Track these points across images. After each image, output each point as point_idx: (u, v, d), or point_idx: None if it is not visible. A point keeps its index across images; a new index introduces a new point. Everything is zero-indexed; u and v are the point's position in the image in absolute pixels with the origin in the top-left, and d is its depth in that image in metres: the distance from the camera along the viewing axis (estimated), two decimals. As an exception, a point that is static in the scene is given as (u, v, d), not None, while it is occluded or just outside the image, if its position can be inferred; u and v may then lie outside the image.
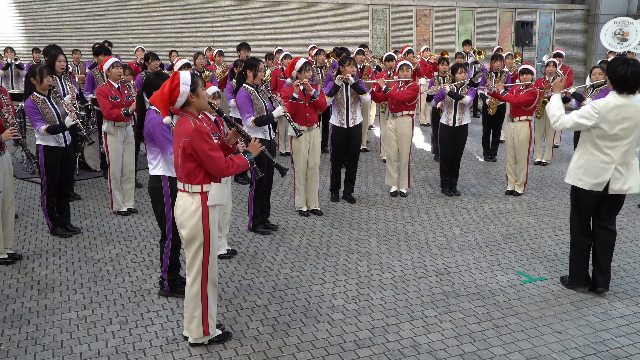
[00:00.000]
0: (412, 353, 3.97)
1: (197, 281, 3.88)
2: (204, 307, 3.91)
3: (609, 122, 4.47)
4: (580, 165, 4.66)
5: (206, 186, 3.78)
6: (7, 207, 5.50)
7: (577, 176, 4.68)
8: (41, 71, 5.78)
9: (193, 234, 3.81)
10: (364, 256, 5.71)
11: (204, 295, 3.90)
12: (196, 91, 3.74)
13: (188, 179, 3.76)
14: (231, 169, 3.74)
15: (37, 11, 13.00)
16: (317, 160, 6.80)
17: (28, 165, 8.86)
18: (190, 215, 3.79)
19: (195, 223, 3.79)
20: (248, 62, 6.11)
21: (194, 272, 3.88)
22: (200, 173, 3.75)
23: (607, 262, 4.81)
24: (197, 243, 3.83)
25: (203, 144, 3.63)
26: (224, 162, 3.70)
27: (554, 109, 4.75)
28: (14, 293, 4.87)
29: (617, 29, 14.54)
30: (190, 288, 3.90)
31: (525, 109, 7.61)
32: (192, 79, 3.72)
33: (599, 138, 4.54)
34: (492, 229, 6.52)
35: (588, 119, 4.51)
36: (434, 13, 15.88)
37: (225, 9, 14.28)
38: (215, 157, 3.66)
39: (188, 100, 3.73)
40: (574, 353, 3.99)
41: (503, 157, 9.70)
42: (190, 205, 3.79)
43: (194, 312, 3.92)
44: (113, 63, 6.70)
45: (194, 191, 3.78)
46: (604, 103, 4.49)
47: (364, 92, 7.09)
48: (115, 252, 5.78)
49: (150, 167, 4.68)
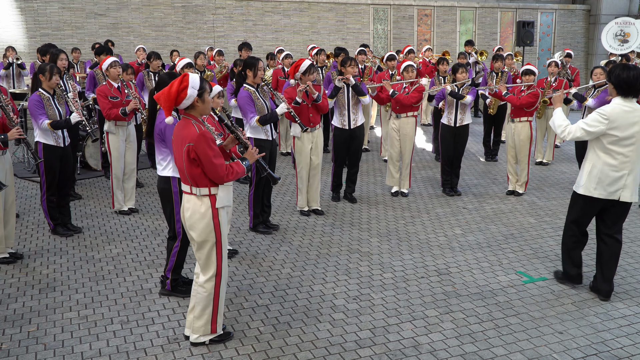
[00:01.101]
0: (413, 353, 3.97)
1: (212, 281, 3.90)
2: (215, 306, 3.95)
3: (620, 127, 4.46)
4: (595, 175, 4.62)
5: (214, 189, 3.79)
6: (9, 206, 5.50)
7: (591, 186, 4.64)
8: (52, 69, 5.85)
9: (205, 235, 3.82)
10: (365, 256, 5.71)
11: (216, 294, 3.93)
12: (203, 96, 3.74)
13: (195, 182, 3.76)
14: (230, 177, 3.76)
15: (38, 10, 13.00)
16: (320, 160, 6.80)
17: (30, 166, 8.86)
18: (200, 217, 3.80)
19: (206, 224, 3.80)
20: (247, 62, 6.10)
21: (211, 273, 3.89)
22: (207, 176, 3.76)
23: (612, 271, 4.81)
24: (210, 244, 3.85)
25: (208, 150, 3.64)
26: (224, 169, 3.72)
27: (559, 120, 4.77)
28: (15, 292, 4.87)
29: (618, 29, 14.51)
30: (203, 288, 3.91)
31: (526, 110, 7.61)
32: (201, 83, 3.72)
33: (611, 144, 4.53)
34: (493, 229, 6.52)
35: (596, 126, 4.50)
36: (435, 13, 15.87)
37: (226, 9, 14.28)
38: (217, 165, 3.67)
39: (193, 104, 3.73)
40: (575, 353, 3.99)
41: (504, 157, 9.70)
42: (200, 208, 3.79)
43: (205, 310, 3.94)
44: (111, 62, 6.71)
45: (202, 194, 3.78)
46: (610, 109, 4.49)
47: (364, 93, 7.07)
48: (116, 252, 5.78)
49: (159, 168, 4.68)
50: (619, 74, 4.49)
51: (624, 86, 4.48)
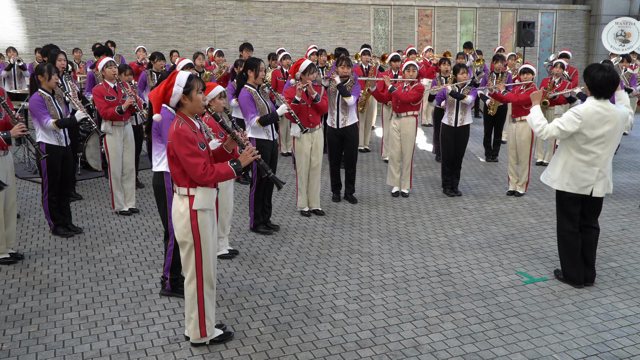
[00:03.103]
0: (413, 353, 3.97)
1: (193, 282, 3.88)
2: (200, 309, 3.90)
3: (591, 126, 4.63)
4: (567, 170, 4.82)
5: (192, 189, 3.74)
6: (10, 206, 5.51)
7: (564, 181, 4.84)
8: (50, 69, 5.85)
9: (182, 236, 3.80)
10: (365, 256, 5.71)
11: (200, 297, 3.89)
12: (190, 94, 3.71)
13: (176, 180, 3.76)
14: (209, 177, 3.63)
15: (38, 11, 13.01)
16: (320, 161, 6.80)
17: (31, 166, 8.86)
18: (179, 217, 3.78)
19: (183, 225, 3.78)
20: (248, 62, 6.10)
21: (189, 273, 3.88)
22: (187, 176, 3.72)
23: (593, 258, 5.04)
24: (187, 245, 3.82)
25: (182, 148, 3.59)
26: (201, 169, 3.60)
27: (537, 119, 4.96)
28: (15, 293, 4.88)
29: (618, 30, 14.51)
30: (186, 289, 3.91)
31: (526, 109, 7.60)
32: (188, 81, 3.69)
33: (583, 143, 4.70)
34: (494, 230, 6.52)
35: (571, 124, 4.67)
36: (435, 13, 15.87)
37: (227, 9, 14.28)
38: (192, 163, 3.59)
39: (181, 101, 3.73)
40: (575, 354, 3.99)
41: (504, 158, 9.70)
42: (180, 207, 3.78)
43: (191, 314, 3.93)
44: (107, 62, 6.71)
45: (182, 193, 3.77)
46: (584, 108, 4.66)
47: (348, 95, 7.01)
48: (117, 252, 5.79)
49: (154, 164, 4.69)
50: (593, 75, 4.63)
51: (597, 87, 4.62)
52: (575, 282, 5.02)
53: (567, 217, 4.97)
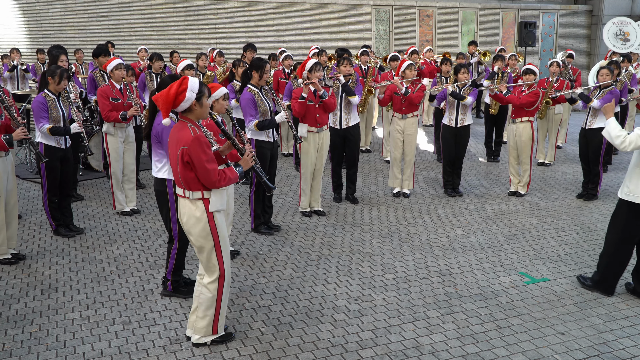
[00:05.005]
0: (414, 354, 3.97)
1: (216, 283, 3.90)
2: (217, 307, 3.95)
3: None
4: None
5: (206, 192, 3.78)
6: (11, 207, 5.52)
7: None
8: (62, 74, 5.89)
9: (202, 240, 3.82)
10: (366, 257, 5.71)
11: (219, 295, 3.93)
12: (201, 100, 3.74)
13: (188, 185, 3.77)
14: (223, 182, 3.75)
15: (40, 12, 13.03)
16: (324, 162, 6.80)
17: (32, 167, 8.87)
18: (195, 222, 3.80)
19: (202, 228, 3.80)
20: (254, 63, 6.10)
21: (215, 275, 3.89)
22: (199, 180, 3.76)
23: None
24: (208, 247, 3.84)
25: (201, 154, 3.64)
26: (217, 174, 3.70)
27: (615, 131, 4.66)
28: (17, 293, 4.88)
29: (617, 29, 14.50)
30: (207, 289, 3.91)
31: (527, 110, 7.60)
32: (200, 87, 3.73)
33: None
34: (495, 230, 6.52)
35: None
36: (436, 14, 15.87)
37: (228, 10, 14.29)
38: (210, 170, 3.66)
39: (191, 107, 3.74)
40: (577, 354, 3.98)
41: (506, 158, 9.69)
42: (195, 212, 3.79)
43: (208, 311, 3.94)
44: (117, 65, 6.73)
45: (195, 197, 3.78)
46: None
47: (353, 94, 7.04)
48: (118, 253, 5.79)
49: (155, 170, 4.69)
50: None
51: None
52: (609, 292, 4.87)
53: (633, 230, 4.69)
